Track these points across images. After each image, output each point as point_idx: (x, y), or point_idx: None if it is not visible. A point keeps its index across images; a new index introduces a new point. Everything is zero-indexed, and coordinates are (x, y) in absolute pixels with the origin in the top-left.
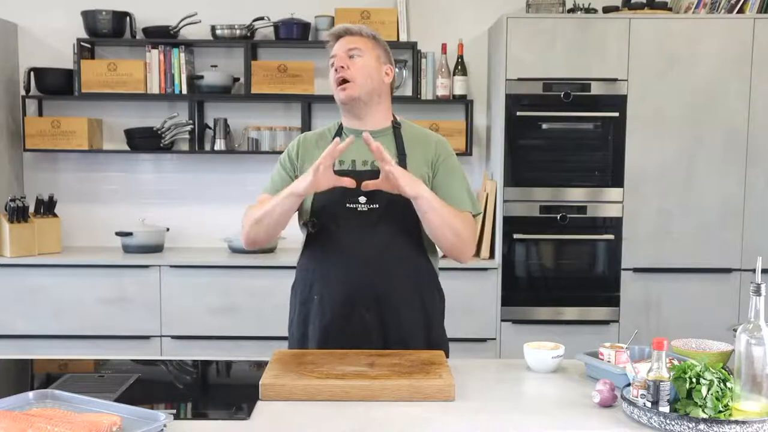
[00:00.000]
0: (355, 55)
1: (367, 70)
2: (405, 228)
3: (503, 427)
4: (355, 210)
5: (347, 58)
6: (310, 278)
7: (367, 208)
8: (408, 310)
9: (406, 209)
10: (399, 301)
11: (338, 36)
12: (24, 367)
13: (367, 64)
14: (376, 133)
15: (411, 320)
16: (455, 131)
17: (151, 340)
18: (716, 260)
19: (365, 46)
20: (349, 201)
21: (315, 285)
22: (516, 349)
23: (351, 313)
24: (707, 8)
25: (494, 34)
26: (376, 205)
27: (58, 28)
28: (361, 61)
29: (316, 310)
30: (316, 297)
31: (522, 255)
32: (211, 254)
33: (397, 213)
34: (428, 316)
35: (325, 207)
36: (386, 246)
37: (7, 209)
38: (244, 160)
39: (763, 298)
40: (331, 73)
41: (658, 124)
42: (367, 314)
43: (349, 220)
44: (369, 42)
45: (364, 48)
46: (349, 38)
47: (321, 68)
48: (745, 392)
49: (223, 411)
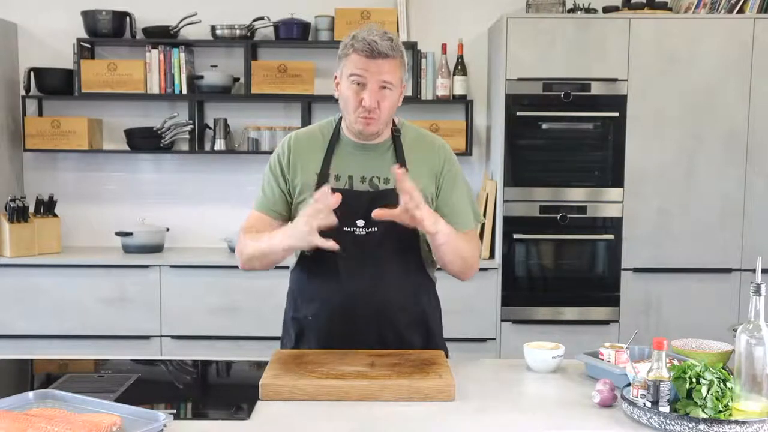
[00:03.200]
0: (386, 88)
1: (394, 105)
2: (404, 250)
3: (503, 427)
4: (352, 234)
5: (379, 92)
6: (306, 298)
7: (366, 232)
8: (408, 329)
9: (405, 232)
10: (399, 323)
11: (369, 56)
12: (24, 367)
13: (395, 99)
14: (376, 146)
15: (411, 338)
16: (455, 131)
17: (151, 340)
18: (716, 260)
19: (395, 74)
20: (347, 224)
21: (311, 305)
22: (516, 349)
23: (348, 335)
24: (707, 8)
25: (494, 34)
26: (375, 229)
27: (58, 28)
28: (391, 97)
29: (311, 330)
30: (311, 317)
31: (522, 255)
32: (211, 254)
33: (396, 236)
34: (428, 330)
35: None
36: (385, 270)
37: (7, 209)
38: (244, 160)
39: (763, 298)
40: (347, 86)
41: (658, 124)
42: (365, 336)
43: (346, 244)
44: (399, 66)
45: (394, 78)
46: (384, 64)
47: (321, 68)
48: (745, 392)
49: (223, 411)
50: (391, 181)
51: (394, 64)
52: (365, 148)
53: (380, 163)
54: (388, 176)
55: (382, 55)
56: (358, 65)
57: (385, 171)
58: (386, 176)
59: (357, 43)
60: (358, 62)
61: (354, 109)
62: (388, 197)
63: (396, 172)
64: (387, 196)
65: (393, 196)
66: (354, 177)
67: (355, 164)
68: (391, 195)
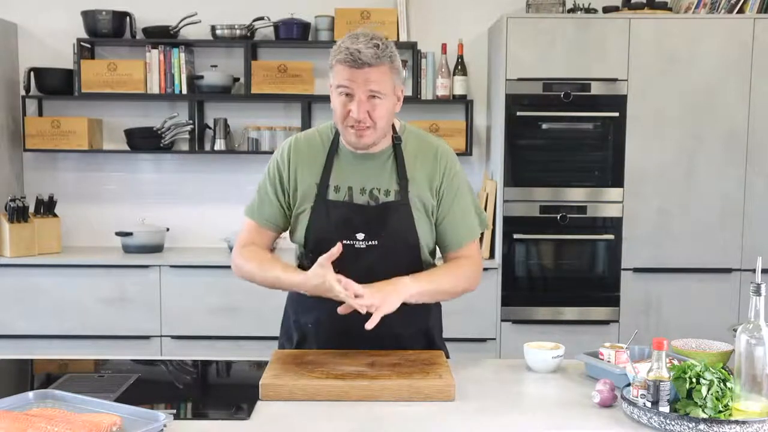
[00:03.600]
0: (375, 97)
1: (387, 114)
2: (405, 261)
3: (503, 427)
4: (352, 247)
5: (368, 102)
6: (305, 307)
7: (365, 245)
8: (410, 343)
9: (406, 245)
10: (402, 337)
11: (353, 66)
12: (24, 367)
13: (387, 108)
14: (376, 156)
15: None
16: (455, 131)
17: (151, 340)
18: (716, 260)
19: (384, 82)
20: (346, 237)
21: (310, 314)
22: (516, 349)
23: (348, 342)
24: (707, 8)
25: (494, 34)
26: (375, 242)
27: (58, 28)
28: (383, 106)
29: (312, 340)
30: (311, 326)
31: (522, 255)
32: (211, 254)
33: (396, 248)
34: (430, 337)
35: (319, 242)
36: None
37: (7, 209)
38: (244, 160)
39: (763, 298)
40: (336, 97)
41: (658, 124)
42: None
43: (346, 257)
44: (387, 72)
45: (383, 86)
46: (369, 72)
47: (321, 68)
48: (745, 392)
49: (223, 411)
50: (392, 193)
51: (381, 72)
52: (365, 158)
53: (380, 173)
54: (388, 188)
55: (366, 64)
56: (343, 76)
57: (385, 182)
58: (386, 188)
59: (340, 54)
60: (343, 72)
61: (342, 119)
62: (388, 210)
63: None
64: (387, 209)
65: (393, 209)
66: (354, 189)
67: (354, 175)
68: (391, 208)
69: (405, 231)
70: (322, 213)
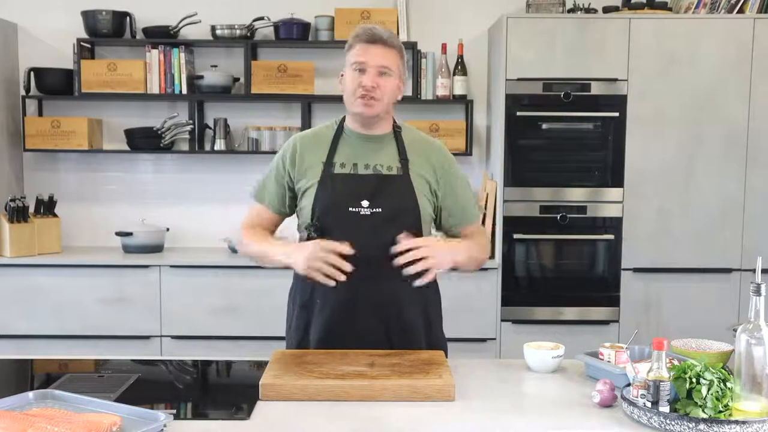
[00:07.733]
0: (385, 74)
1: (392, 91)
2: (407, 229)
3: (503, 427)
4: (357, 214)
5: (378, 76)
6: (310, 282)
7: (370, 212)
8: (410, 312)
9: (409, 212)
10: (402, 302)
11: (369, 41)
12: (24, 367)
13: (393, 85)
14: (379, 138)
15: (413, 322)
16: (455, 131)
17: (151, 340)
18: (716, 260)
19: (394, 62)
20: (352, 205)
21: (317, 288)
22: (516, 349)
23: (354, 315)
24: (707, 8)
25: (494, 34)
26: (379, 209)
27: (58, 28)
28: (390, 83)
29: (318, 314)
30: (319, 301)
31: (522, 255)
32: (211, 254)
33: (400, 216)
34: (428, 317)
35: (326, 211)
36: (389, 249)
37: (7, 209)
38: (244, 160)
39: (763, 298)
40: (349, 75)
41: (658, 124)
42: (370, 317)
43: (352, 224)
44: (397, 56)
45: (393, 66)
46: (382, 50)
47: (321, 68)
48: (745, 392)
49: (223, 411)
50: (394, 169)
51: (392, 53)
52: (369, 139)
53: (383, 152)
54: (391, 165)
55: (381, 41)
56: (359, 53)
57: (388, 160)
58: (389, 164)
59: (358, 33)
60: (360, 50)
61: (353, 91)
62: (391, 180)
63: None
64: (389, 179)
65: (396, 181)
66: (358, 164)
67: (359, 153)
68: (394, 179)
69: (406, 200)
70: (328, 184)
